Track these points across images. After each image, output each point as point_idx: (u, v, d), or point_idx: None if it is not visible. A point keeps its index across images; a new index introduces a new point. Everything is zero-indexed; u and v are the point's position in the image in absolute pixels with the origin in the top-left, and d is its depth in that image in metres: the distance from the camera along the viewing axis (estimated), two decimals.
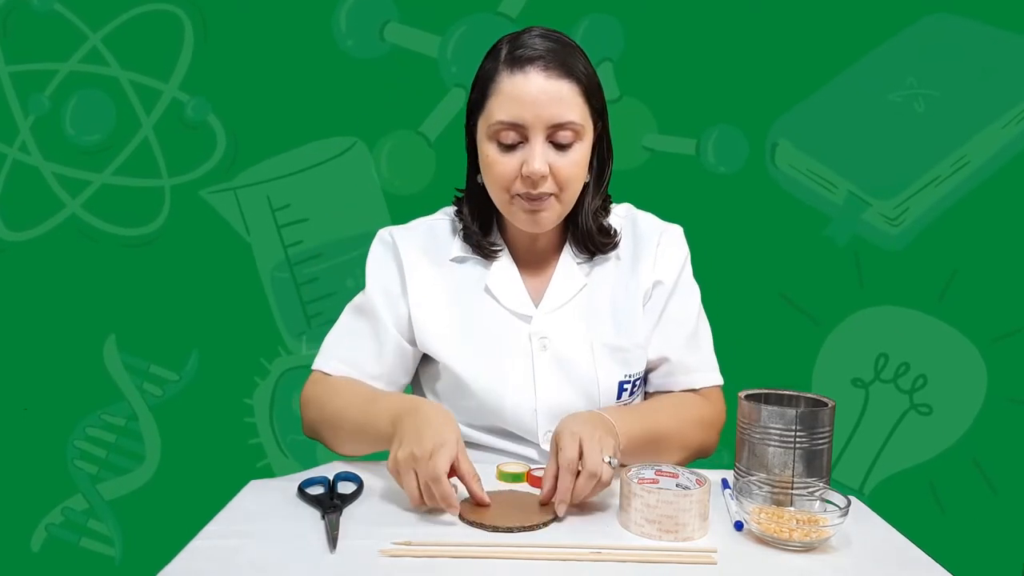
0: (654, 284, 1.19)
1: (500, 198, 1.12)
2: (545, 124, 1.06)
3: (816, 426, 0.94)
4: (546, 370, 1.14)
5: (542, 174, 1.06)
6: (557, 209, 1.11)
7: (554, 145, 1.07)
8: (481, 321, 1.15)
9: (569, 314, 1.16)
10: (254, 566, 0.80)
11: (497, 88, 1.08)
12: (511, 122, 1.06)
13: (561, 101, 1.06)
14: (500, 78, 1.08)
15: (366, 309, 1.19)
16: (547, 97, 1.05)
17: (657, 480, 0.94)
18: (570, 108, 1.07)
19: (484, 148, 1.10)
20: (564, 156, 1.08)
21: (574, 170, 1.09)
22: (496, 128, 1.07)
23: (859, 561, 0.85)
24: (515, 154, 1.08)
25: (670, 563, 0.82)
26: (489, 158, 1.09)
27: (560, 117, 1.06)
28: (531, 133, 1.06)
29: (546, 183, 1.08)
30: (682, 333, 1.19)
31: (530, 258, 1.21)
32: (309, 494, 0.97)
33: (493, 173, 1.10)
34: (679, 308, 1.20)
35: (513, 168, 1.08)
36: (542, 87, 1.05)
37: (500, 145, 1.08)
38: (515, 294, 1.17)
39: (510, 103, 1.06)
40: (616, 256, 1.21)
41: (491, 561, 0.82)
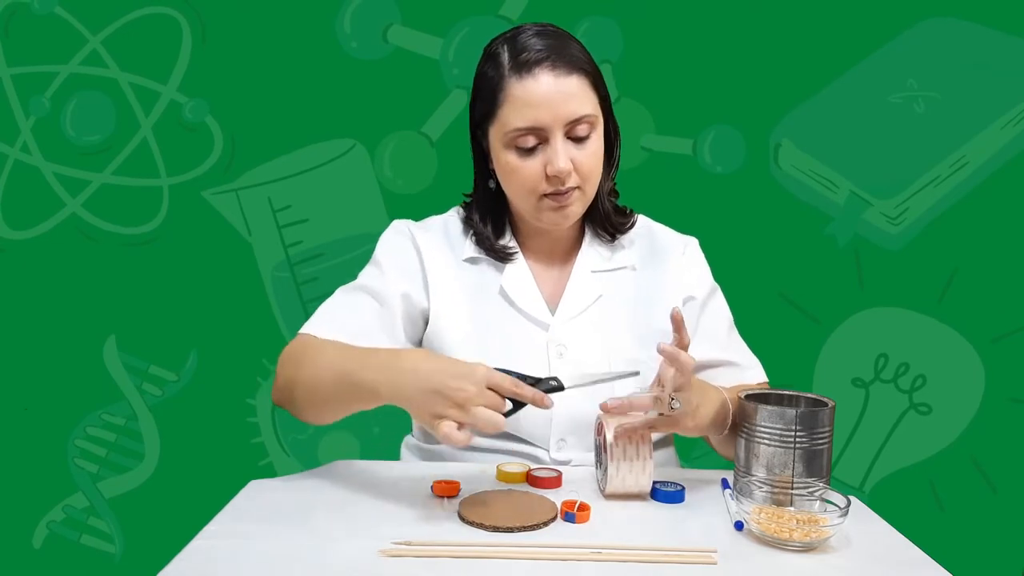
0: (685, 300, 1.19)
1: (526, 202, 1.12)
2: (563, 122, 1.07)
3: (816, 426, 0.94)
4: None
5: (568, 171, 1.07)
6: (581, 201, 1.12)
7: (572, 140, 1.08)
8: (497, 325, 1.14)
9: (586, 323, 1.16)
10: (254, 566, 0.80)
11: (508, 95, 1.08)
12: (529, 127, 1.07)
13: (574, 97, 1.07)
14: (508, 85, 1.08)
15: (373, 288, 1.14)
16: (560, 96, 1.06)
17: None
18: (583, 102, 1.08)
19: (503, 156, 1.10)
20: (583, 149, 1.09)
21: (594, 160, 1.11)
22: (514, 135, 1.08)
23: (859, 561, 0.85)
24: (536, 157, 1.08)
25: (670, 563, 0.82)
26: (510, 165, 1.09)
27: (576, 112, 1.07)
28: (550, 133, 1.07)
29: (571, 178, 1.09)
30: (720, 337, 1.21)
31: (546, 258, 1.21)
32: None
33: (518, 179, 1.10)
34: (714, 316, 1.22)
35: (537, 171, 1.08)
36: (554, 86, 1.06)
37: (520, 151, 1.08)
38: (531, 298, 1.16)
39: (525, 108, 1.06)
40: (631, 267, 1.21)
41: (491, 561, 0.81)
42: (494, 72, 1.10)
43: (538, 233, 1.19)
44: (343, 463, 1.10)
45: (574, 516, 0.91)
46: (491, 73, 1.10)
